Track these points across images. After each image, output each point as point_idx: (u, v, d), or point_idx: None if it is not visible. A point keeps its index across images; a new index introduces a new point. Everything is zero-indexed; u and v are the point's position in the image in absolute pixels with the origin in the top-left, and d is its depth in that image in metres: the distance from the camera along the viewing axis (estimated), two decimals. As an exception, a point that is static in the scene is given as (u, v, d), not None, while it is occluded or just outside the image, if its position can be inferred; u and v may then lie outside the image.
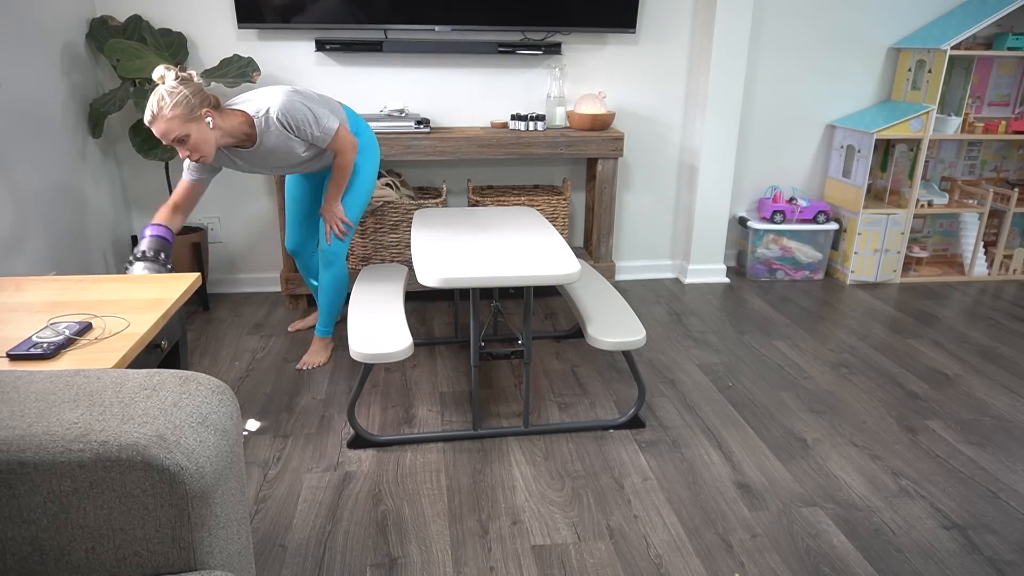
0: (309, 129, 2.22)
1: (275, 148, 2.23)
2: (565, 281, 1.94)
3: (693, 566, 1.66)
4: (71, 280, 1.66)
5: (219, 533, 1.00)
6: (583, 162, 3.46)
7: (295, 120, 2.19)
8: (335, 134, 2.28)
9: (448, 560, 1.67)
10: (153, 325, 1.42)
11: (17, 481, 0.90)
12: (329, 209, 2.43)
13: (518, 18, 3.06)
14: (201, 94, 2.05)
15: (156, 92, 2.01)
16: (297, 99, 2.21)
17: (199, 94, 2.04)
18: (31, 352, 1.27)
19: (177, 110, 1.99)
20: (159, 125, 2.00)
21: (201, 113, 2.04)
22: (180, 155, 2.07)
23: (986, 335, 2.96)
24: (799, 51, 3.46)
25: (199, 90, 2.05)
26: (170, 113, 1.99)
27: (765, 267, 3.61)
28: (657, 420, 2.29)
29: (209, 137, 2.07)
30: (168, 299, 1.55)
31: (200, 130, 2.05)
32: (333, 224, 2.44)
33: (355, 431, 2.12)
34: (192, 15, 2.98)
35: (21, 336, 1.37)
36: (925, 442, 2.17)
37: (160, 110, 1.99)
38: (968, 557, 1.69)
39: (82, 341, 1.35)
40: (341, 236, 2.45)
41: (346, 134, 2.32)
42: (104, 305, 1.51)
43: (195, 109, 2.02)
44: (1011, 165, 3.76)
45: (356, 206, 2.49)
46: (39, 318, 1.44)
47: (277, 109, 2.17)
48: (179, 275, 1.70)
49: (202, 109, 2.04)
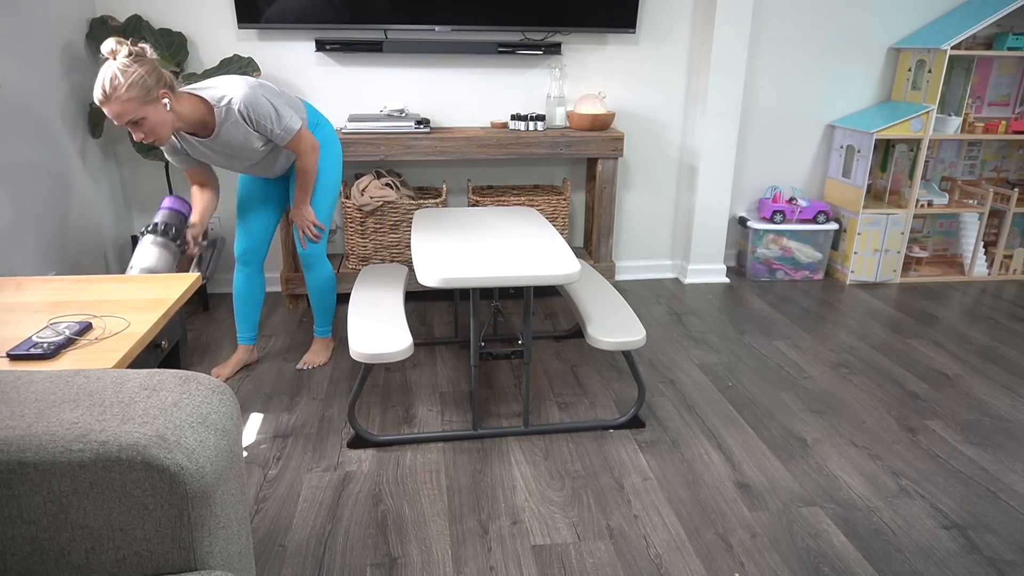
0: (270, 125, 2.11)
1: (231, 140, 2.12)
2: (565, 281, 1.94)
3: (693, 566, 1.66)
4: (71, 280, 1.66)
5: (219, 533, 1.00)
6: (583, 162, 3.46)
7: (256, 114, 2.08)
8: (296, 134, 2.17)
9: (448, 560, 1.67)
10: (153, 325, 1.42)
11: (17, 481, 0.90)
12: (299, 214, 2.36)
13: (518, 18, 3.06)
14: (157, 73, 1.89)
15: (107, 68, 1.83)
16: (260, 92, 2.09)
17: (155, 73, 1.88)
18: (31, 352, 1.27)
19: (132, 91, 1.83)
20: (112, 107, 1.84)
21: (158, 95, 1.89)
22: (134, 137, 1.92)
23: (986, 335, 2.96)
24: (799, 51, 3.46)
25: (154, 68, 1.89)
26: (125, 95, 1.82)
27: (765, 267, 3.61)
28: (657, 420, 2.29)
29: (165, 120, 1.93)
30: (168, 299, 1.54)
31: (156, 112, 1.90)
32: (305, 228, 2.38)
33: (355, 431, 2.12)
34: (192, 15, 2.98)
35: (21, 336, 1.37)
36: (925, 442, 2.17)
37: (114, 91, 1.82)
38: (968, 557, 1.69)
39: (82, 341, 1.35)
40: (315, 239, 2.41)
41: (307, 135, 2.22)
42: (104, 305, 1.51)
43: (152, 91, 1.87)
44: (1011, 165, 3.76)
45: (324, 206, 2.42)
46: (39, 318, 1.44)
47: (240, 100, 2.05)
48: (179, 275, 1.70)
49: (159, 90, 1.89)
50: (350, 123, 2.99)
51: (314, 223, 2.39)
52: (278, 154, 2.29)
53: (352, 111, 3.22)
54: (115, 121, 1.88)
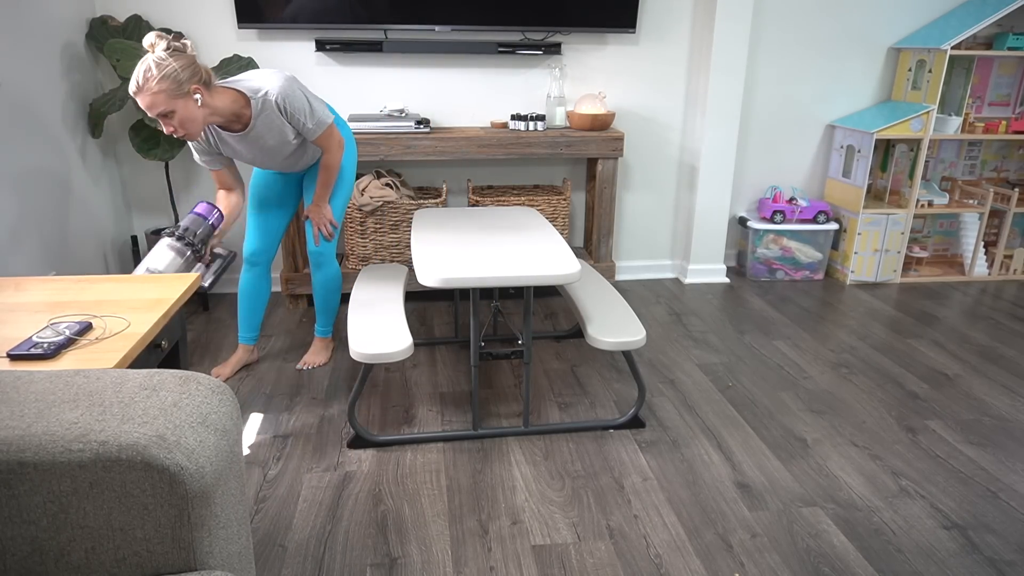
0: (303, 119, 2.14)
1: (266, 134, 2.15)
2: (565, 281, 1.94)
3: (693, 566, 1.66)
4: (71, 280, 1.66)
5: (219, 533, 1.00)
6: (583, 162, 3.46)
7: (292, 107, 2.10)
8: (327, 128, 2.21)
9: (448, 560, 1.67)
10: (154, 325, 1.42)
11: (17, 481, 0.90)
12: (318, 211, 2.37)
13: (518, 18, 3.06)
14: (191, 68, 1.92)
15: (144, 61, 1.88)
16: (296, 86, 2.13)
17: (189, 68, 1.91)
18: (31, 352, 1.27)
19: (164, 84, 1.86)
20: (144, 98, 1.88)
21: (190, 89, 1.92)
22: (164, 130, 1.96)
23: (986, 335, 2.96)
24: (799, 51, 3.46)
25: (190, 63, 1.92)
26: (156, 87, 1.86)
27: (765, 267, 3.61)
28: (657, 420, 2.29)
29: (196, 115, 1.96)
30: (168, 299, 1.54)
31: (187, 107, 1.93)
32: (322, 225, 2.38)
33: (355, 431, 2.12)
34: (192, 15, 2.98)
35: (21, 336, 1.36)
36: (925, 442, 2.17)
37: (146, 82, 1.86)
38: (968, 557, 1.69)
39: (82, 341, 1.35)
40: (328, 237, 2.41)
41: (336, 131, 2.25)
42: (104, 305, 1.51)
43: (183, 85, 1.90)
44: (1011, 165, 3.76)
45: (340, 204, 2.45)
46: (39, 318, 1.44)
47: (276, 92, 2.07)
48: (179, 275, 1.69)
49: (191, 85, 1.92)
50: (350, 123, 2.99)
51: (331, 221, 2.40)
52: (305, 150, 2.31)
53: (352, 111, 3.22)
54: (147, 112, 1.92)
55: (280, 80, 2.10)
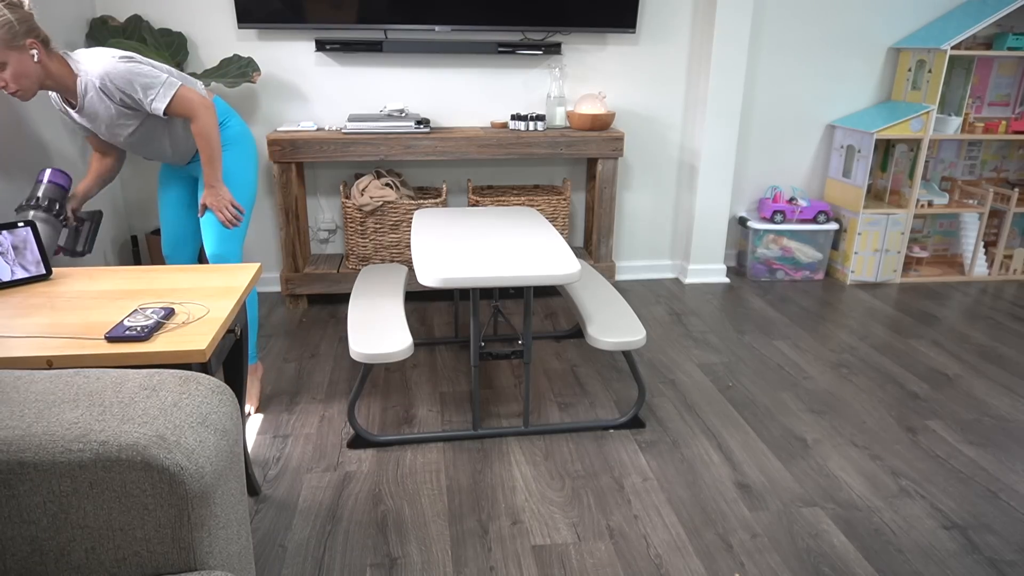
0: (137, 95, 1.97)
1: (99, 114, 2.01)
2: (565, 281, 1.94)
3: (693, 566, 1.66)
4: (139, 270, 1.71)
5: (219, 533, 1.00)
6: (583, 162, 3.46)
7: (118, 84, 1.95)
8: (175, 95, 1.98)
9: (448, 560, 1.67)
10: (231, 311, 1.47)
11: (17, 481, 0.90)
12: (214, 194, 2.11)
13: (518, 18, 3.06)
14: (28, 24, 1.84)
15: None
16: (124, 66, 1.96)
17: (26, 22, 1.84)
18: (128, 335, 1.32)
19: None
20: None
21: (25, 43, 1.83)
22: None
23: (986, 335, 2.96)
24: (799, 51, 3.46)
25: (27, 18, 1.84)
26: None
27: (765, 267, 3.61)
28: (657, 420, 2.29)
29: (30, 71, 1.86)
30: (238, 287, 1.60)
31: (21, 61, 1.84)
32: (222, 210, 2.12)
33: (355, 431, 2.12)
34: (192, 15, 2.98)
35: (112, 321, 1.41)
36: (925, 442, 2.17)
37: None
38: (968, 557, 1.69)
39: (170, 325, 1.39)
40: (233, 222, 2.15)
41: (193, 94, 2.01)
42: (179, 293, 1.56)
43: (18, 37, 1.82)
44: (1011, 165, 3.76)
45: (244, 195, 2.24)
46: (122, 304, 1.49)
47: (97, 75, 1.94)
48: (245, 265, 1.75)
49: (27, 39, 1.83)
50: (350, 123, 2.99)
51: (232, 203, 2.15)
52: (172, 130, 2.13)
53: (352, 111, 3.22)
54: None
55: (103, 63, 1.96)
